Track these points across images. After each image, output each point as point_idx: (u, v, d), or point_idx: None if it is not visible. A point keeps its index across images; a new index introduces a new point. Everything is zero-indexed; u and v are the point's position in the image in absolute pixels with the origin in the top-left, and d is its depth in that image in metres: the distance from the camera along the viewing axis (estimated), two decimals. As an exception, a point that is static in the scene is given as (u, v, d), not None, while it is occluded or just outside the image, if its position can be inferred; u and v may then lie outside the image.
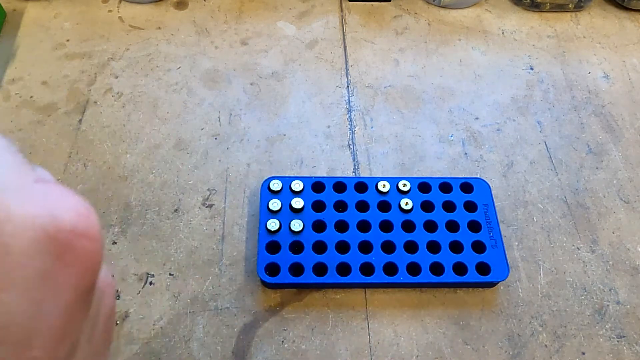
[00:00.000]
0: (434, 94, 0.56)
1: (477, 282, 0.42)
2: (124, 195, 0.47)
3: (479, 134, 0.53)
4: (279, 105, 0.54)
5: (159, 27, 0.60)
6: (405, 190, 0.45)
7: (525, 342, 0.41)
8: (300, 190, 0.45)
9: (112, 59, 0.57)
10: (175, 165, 0.49)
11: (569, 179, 0.50)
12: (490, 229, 0.44)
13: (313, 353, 0.40)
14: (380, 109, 0.54)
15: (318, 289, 0.43)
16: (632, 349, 0.41)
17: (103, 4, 0.62)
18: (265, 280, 0.41)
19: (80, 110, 0.53)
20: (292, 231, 0.43)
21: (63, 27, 0.60)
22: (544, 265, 0.45)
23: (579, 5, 0.64)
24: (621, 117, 0.55)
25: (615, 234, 0.47)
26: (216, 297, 0.42)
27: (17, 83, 0.54)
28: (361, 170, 0.50)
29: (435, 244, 0.43)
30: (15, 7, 0.61)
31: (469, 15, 0.64)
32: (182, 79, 0.56)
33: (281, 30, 0.61)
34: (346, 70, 0.57)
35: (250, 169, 0.49)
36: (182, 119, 0.53)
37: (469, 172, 0.50)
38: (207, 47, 0.59)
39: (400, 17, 0.63)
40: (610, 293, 0.43)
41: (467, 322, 0.42)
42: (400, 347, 0.40)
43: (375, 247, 0.42)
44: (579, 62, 0.60)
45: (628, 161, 0.51)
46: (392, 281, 0.41)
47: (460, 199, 0.45)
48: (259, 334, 0.40)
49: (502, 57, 0.60)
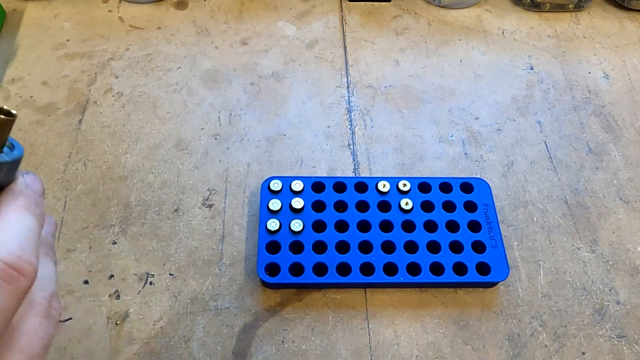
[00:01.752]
0: (434, 94, 0.56)
1: (477, 282, 0.42)
2: (124, 195, 0.47)
3: (479, 134, 0.53)
4: (279, 105, 0.54)
5: (159, 27, 0.60)
6: (405, 190, 0.45)
7: (525, 342, 0.41)
8: (300, 190, 0.45)
9: (112, 59, 0.57)
10: (175, 165, 0.49)
11: (569, 179, 0.50)
12: (490, 229, 0.44)
13: (313, 353, 0.40)
14: (381, 109, 0.54)
15: (318, 289, 0.43)
16: (632, 349, 0.41)
17: (103, 4, 0.62)
18: (266, 280, 0.41)
19: (80, 110, 0.53)
20: (292, 231, 0.43)
21: (63, 27, 0.60)
22: (544, 265, 0.45)
23: (579, 5, 0.64)
24: (621, 117, 0.55)
25: (615, 234, 0.47)
26: (216, 297, 0.42)
27: (17, 83, 0.54)
28: (361, 170, 0.50)
29: (435, 244, 0.43)
30: (16, 7, 0.61)
31: (469, 15, 0.64)
32: (182, 79, 0.56)
33: (281, 30, 0.61)
34: (346, 70, 0.57)
35: (250, 168, 0.49)
36: (182, 119, 0.53)
37: (469, 172, 0.50)
38: (207, 47, 0.59)
39: (400, 17, 0.63)
40: (610, 293, 0.43)
41: (467, 322, 0.42)
42: (400, 347, 0.40)
43: (375, 247, 0.42)
44: (579, 62, 0.60)
45: (628, 161, 0.51)
46: (392, 281, 0.41)
47: (460, 199, 0.45)
48: (259, 334, 0.40)
49: (502, 57, 0.60)
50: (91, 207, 0.46)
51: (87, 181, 0.48)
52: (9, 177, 0.22)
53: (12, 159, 0.22)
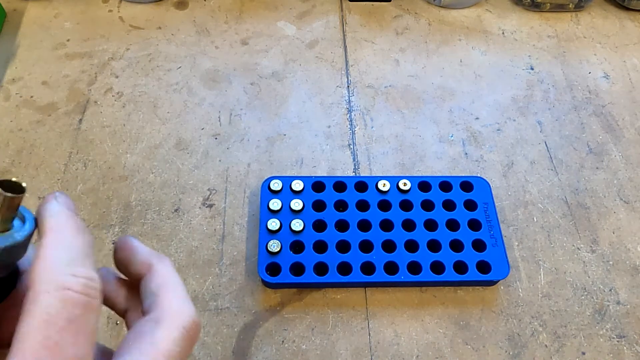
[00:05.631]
0: (434, 94, 0.56)
1: (477, 281, 0.42)
2: (124, 195, 0.47)
3: (479, 134, 0.53)
4: (279, 105, 0.54)
5: (159, 27, 0.60)
6: (405, 189, 0.45)
7: (525, 342, 0.41)
8: (300, 190, 0.45)
9: (113, 58, 0.57)
10: (176, 165, 0.49)
11: (569, 179, 0.50)
12: (491, 227, 0.44)
13: (313, 353, 0.40)
14: (381, 109, 0.54)
15: (318, 289, 0.43)
16: (632, 349, 0.41)
17: (103, 4, 0.62)
18: (266, 280, 0.41)
19: (81, 110, 0.53)
20: (293, 231, 0.43)
21: (63, 27, 0.60)
22: (544, 265, 0.45)
23: (579, 5, 0.64)
24: (621, 117, 0.55)
25: (615, 234, 0.47)
26: (216, 297, 0.42)
27: (17, 83, 0.54)
28: (361, 170, 0.50)
29: (435, 242, 0.43)
30: (16, 6, 0.61)
31: (469, 15, 0.64)
32: (182, 78, 0.56)
33: (281, 30, 0.61)
34: (346, 70, 0.57)
35: (250, 168, 0.49)
36: (183, 118, 0.53)
37: (469, 172, 0.50)
38: (207, 47, 0.59)
39: (400, 17, 0.63)
40: (610, 293, 0.43)
41: (467, 322, 0.42)
42: (401, 347, 0.40)
43: (376, 246, 0.42)
44: (579, 62, 0.60)
45: (628, 161, 0.51)
46: (392, 280, 0.41)
47: (460, 198, 0.45)
48: (259, 334, 0.40)
49: (502, 57, 0.60)
50: (91, 207, 0.46)
51: (87, 181, 0.48)
52: (23, 251, 0.21)
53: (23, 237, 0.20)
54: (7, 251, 0.20)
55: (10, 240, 0.20)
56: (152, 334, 0.21)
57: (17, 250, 0.20)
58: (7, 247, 0.19)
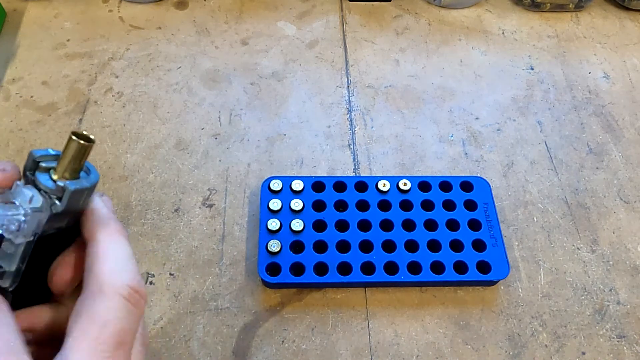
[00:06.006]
0: (434, 94, 0.56)
1: (477, 281, 0.42)
2: (124, 194, 0.47)
3: (479, 134, 0.53)
4: (279, 105, 0.54)
5: (159, 27, 0.60)
6: (405, 189, 0.45)
7: (525, 342, 0.41)
8: (300, 189, 0.45)
9: (113, 58, 0.57)
10: (176, 165, 0.49)
11: (569, 179, 0.50)
12: (491, 227, 0.44)
13: (313, 353, 0.40)
14: (381, 109, 0.54)
15: (318, 289, 0.43)
16: (632, 349, 0.41)
17: (103, 4, 0.62)
18: (266, 279, 0.41)
19: (81, 110, 0.53)
20: (293, 231, 0.43)
21: (63, 27, 0.60)
22: (544, 265, 0.45)
23: (579, 5, 0.64)
24: (621, 117, 0.55)
25: (615, 234, 0.47)
26: (216, 297, 0.42)
27: (17, 83, 0.54)
28: (361, 170, 0.50)
29: (435, 242, 0.43)
30: (16, 6, 0.61)
31: (469, 15, 0.64)
32: (182, 78, 0.56)
33: (281, 30, 0.61)
34: (346, 70, 0.57)
35: (250, 168, 0.49)
36: (183, 118, 0.53)
37: (469, 172, 0.50)
38: (207, 46, 0.59)
39: (400, 17, 0.63)
40: (610, 293, 0.43)
41: (467, 322, 0.42)
42: (401, 347, 0.40)
43: (376, 246, 0.42)
44: (579, 62, 0.60)
45: (628, 161, 0.51)
46: (393, 280, 0.41)
47: (460, 198, 0.45)
48: (259, 334, 0.40)
49: (502, 57, 0.60)
50: (91, 207, 0.46)
51: (88, 181, 0.48)
52: (87, 201, 0.23)
53: (91, 184, 0.23)
54: (78, 193, 0.22)
55: (79, 184, 0.22)
56: (89, 309, 0.21)
57: (83, 196, 0.23)
58: (77, 189, 0.22)
